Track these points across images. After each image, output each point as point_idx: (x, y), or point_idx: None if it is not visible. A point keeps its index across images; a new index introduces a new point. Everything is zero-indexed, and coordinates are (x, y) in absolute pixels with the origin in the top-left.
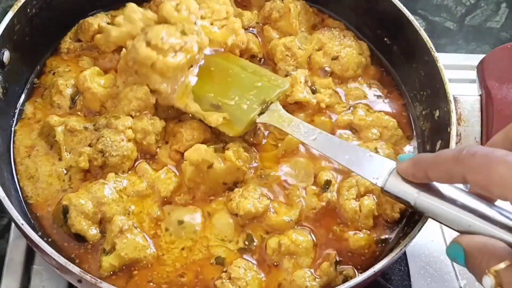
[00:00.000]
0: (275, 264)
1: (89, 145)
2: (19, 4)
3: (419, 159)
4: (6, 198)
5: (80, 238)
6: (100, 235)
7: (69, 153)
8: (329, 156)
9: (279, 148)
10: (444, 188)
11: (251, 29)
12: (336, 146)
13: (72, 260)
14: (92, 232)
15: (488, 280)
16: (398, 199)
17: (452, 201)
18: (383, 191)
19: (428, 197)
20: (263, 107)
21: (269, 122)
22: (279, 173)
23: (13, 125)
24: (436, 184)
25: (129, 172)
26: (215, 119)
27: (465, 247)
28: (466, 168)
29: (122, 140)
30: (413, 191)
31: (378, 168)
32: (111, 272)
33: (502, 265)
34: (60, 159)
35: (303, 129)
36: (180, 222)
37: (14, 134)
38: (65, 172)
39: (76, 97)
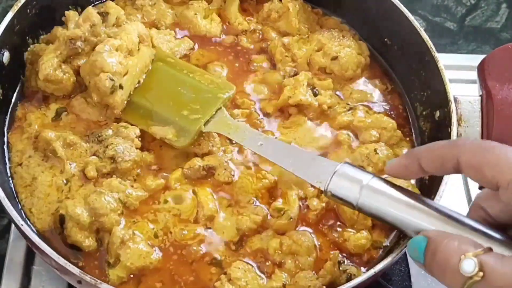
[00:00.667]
0: (278, 264)
1: (94, 155)
2: (19, 4)
3: (413, 150)
4: (5, 198)
5: (76, 248)
6: (96, 245)
7: (73, 165)
8: (275, 162)
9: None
10: (390, 189)
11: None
12: (280, 151)
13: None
14: (88, 243)
15: (471, 262)
16: (342, 201)
17: (399, 200)
18: (326, 195)
19: (373, 194)
20: (210, 116)
21: (216, 130)
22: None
23: (6, 126)
24: (383, 184)
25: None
26: (162, 133)
27: (431, 236)
28: (461, 150)
29: (132, 146)
30: (356, 189)
31: (322, 172)
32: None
33: (481, 251)
34: (61, 172)
35: (248, 135)
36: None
37: (8, 136)
38: (65, 182)
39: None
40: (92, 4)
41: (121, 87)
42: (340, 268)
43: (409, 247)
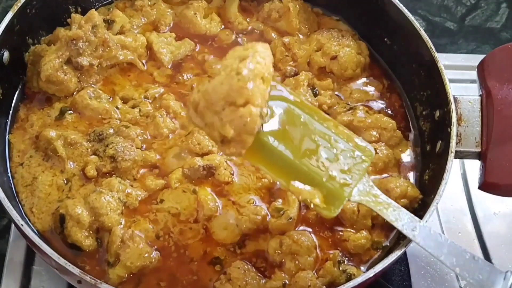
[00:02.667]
0: (278, 264)
1: (94, 154)
2: (19, 4)
3: None
4: (5, 199)
5: (76, 247)
6: (96, 245)
7: (73, 164)
8: (432, 254)
9: None
10: None
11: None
12: (440, 244)
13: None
14: (88, 242)
15: None
16: None
17: None
18: None
19: None
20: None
21: (364, 202)
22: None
23: (8, 126)
24: None
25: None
26: (307, 195)
27: None
28: None
29: (132, 146)
30: None
31: (487, 274)
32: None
33: None
34: (62, 171)
35: (403, 216)
36: None
37: (9, 136)
38: (65, 182)
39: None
40: (95, 6)
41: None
42: (340, 268)
43: None
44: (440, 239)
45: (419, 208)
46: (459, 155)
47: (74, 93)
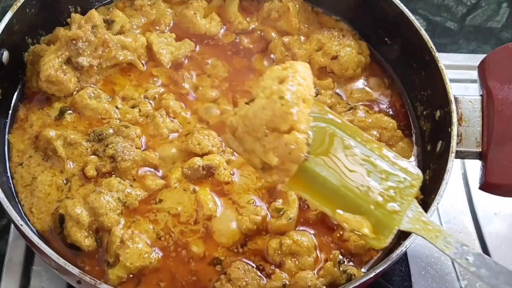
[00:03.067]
0: (278, 264)
1: (93, 154)
2: (18, 4)
3: None
4: (5, 199)
5: (75, 247)
6: (96, 245)
7: (73, 164)
8: (489, 284)
9: None
10: None
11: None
12: (495, 273)
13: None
14: (87, 242)
15: None
16: None
17: None
18: None
19: None
20: (408, 208)
21: (414, 231)
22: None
23: (7, 126)
24: None
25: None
26: (355, 224)
27: None
28: None
29: (132, 146)
30: None
31: None
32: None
33: None
34: (61, 171)
35: (454, 244)
36: None
37: (8, 136)
38: (65, 182)
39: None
40: (94, 6)
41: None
42: (340, 268)
43: None
44: (495, 268)
45: None
46: (460, 155)
47: (74, 93)
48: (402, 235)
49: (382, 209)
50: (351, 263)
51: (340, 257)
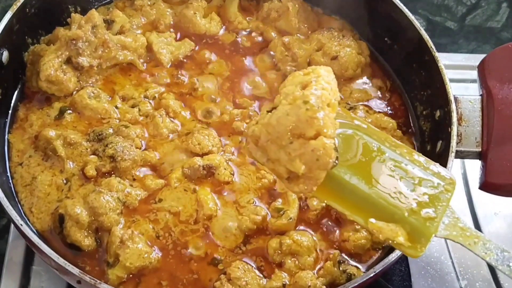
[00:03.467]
0: (278, 264)
1: (93, 154)
2: (18, 4)
3: None
4: (5, 198)
5: (75, 247)
6: (95, 244)
7: (73, 164)
8: None
9: None
10: None
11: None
12: None
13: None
14: (87, 242)
15: None
16: None
17: None
18: None
19: None
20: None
21: (452, 238)
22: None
23: (7, 126)
24: None
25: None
26: (389, 233)
27: None
28: None
29: (131, 145)
30: None
31: None
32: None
33: None
34: (61, 171)
35: (495, 250)
36: None
37: (8, 136)
38: (65, 182)
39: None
40: (94, 6)
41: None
42: (340, 268)
43: None
44: None
45: None
46: (460, 155)
47: (74, 92)
48: None
49: (417, 216)
50: (351, 263)
51: (340, 257)
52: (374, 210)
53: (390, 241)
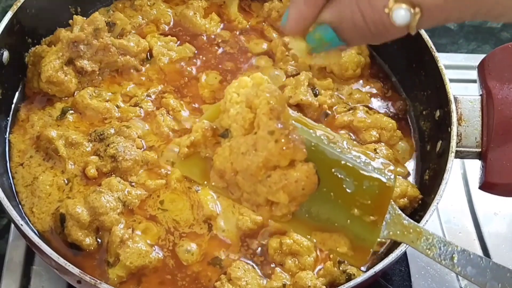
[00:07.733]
0: (278, 264)
1: (94, 154)
2: (19, 4)
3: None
4: (5, 198)
5: (76, 247)
6: (96, 244)
7: (74, 165)
8: (476, 283)
9: None
10: None
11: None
12: (483, 269)
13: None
14: (88, 242)
15: (403, 10)
16: None
17: None
18: None
19: None
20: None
21: (395, 237)
22: None
23: (8, 126)
24: None
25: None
26: (331, 243)
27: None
28: None
29: (133, 146)
30: None
31: None
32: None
33: None
34: (62, 171)
35: (437, 243)
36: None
37: (9, 136)
38: (66, 182)
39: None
40: (94, 7)
41: None
42: (340, 268)
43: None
44: (481, 263)
45: (419, 208)
46: (460, 155)
47: (75, 93)
48: None
49: (358, 222)
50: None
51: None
52: (313, 219)
53: (335, 252)
